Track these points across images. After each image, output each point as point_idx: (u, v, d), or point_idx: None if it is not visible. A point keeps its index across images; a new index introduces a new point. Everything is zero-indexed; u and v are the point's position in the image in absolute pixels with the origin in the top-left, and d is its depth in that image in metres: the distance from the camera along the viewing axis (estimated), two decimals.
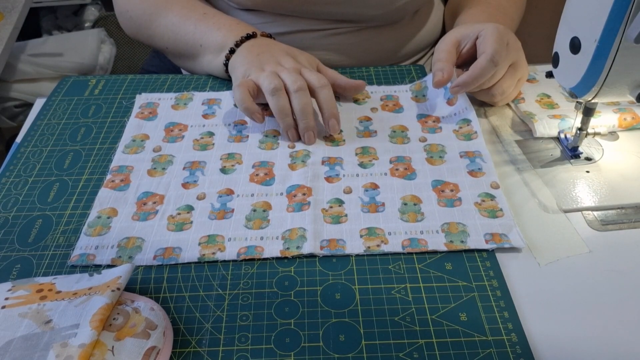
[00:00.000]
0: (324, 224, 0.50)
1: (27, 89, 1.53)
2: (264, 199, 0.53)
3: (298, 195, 0.53)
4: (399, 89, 0.68)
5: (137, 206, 0.52)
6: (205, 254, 0.48)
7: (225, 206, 0.52)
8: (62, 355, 0.36)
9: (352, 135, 0.61)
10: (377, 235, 0.49)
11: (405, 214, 0.51)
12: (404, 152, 0.58)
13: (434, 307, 0.44)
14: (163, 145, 0.60)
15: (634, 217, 0.51)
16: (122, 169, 0.56)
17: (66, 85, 0.70)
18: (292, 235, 0.49)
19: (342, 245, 0.48)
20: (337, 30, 0.74)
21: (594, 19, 0.45)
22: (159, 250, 0.48)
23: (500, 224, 0.50)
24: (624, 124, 0.59)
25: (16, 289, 0.42)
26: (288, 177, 0.55)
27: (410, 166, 0.56)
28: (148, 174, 0.56)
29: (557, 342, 0.41)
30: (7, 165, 0.58)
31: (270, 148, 0.59)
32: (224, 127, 0.62)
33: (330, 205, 0.52)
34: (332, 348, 0.41)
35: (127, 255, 0.48)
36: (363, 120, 0.63)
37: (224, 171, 0.56)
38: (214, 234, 0.50)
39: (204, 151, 0.59)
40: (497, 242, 0.48)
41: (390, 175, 0.55)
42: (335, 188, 0.54)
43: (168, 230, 0.50)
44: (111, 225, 0.50)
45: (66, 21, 1.83)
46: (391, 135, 0.61)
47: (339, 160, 0.57)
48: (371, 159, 0.57)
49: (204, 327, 0.43)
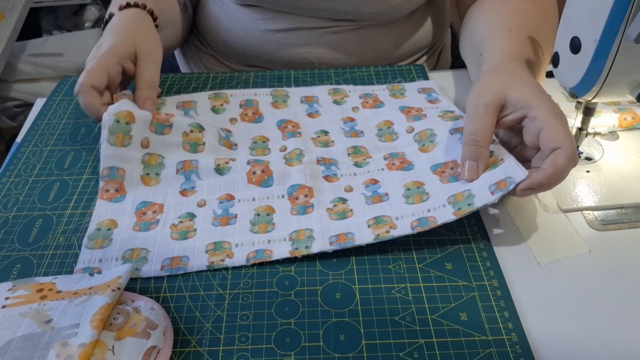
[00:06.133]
0: (330, 222, 0.50)
1: (27, 89, 1.53)
2: (266, 203, 0.52)
3: (300, 198, 0.52)
4: (376, 88, 0.67)
5: (136, 216, 0.51)
6: (214, 261, 0.47)
7: (227, 212, 0.52)
8: (63, 355, 0.36)
9: (339, 136, 0.60)
10: (384, 222, 0.49)
11: (410, 197, 0.51)
12: (396, 149, 0.58)
13: (434, 306, 0.44)
14: (151, 137, 0.55)
15: (634, 217, 0.51)
16: (113, 174, 0.53)
17: (66, 85, 0.70)
18: (300, 236, 0.49)
19: (351, 238, 0.48)
20: (335, 28, 0.74)
21: (594, 19, 0.45)
22: (165, 260, 0.47)
23: (502, 170, 0.48)
24: (624, 123, 0.59)
25: (16, 288, 0.42)
26: (287, 175, 0.54)
27: (406, 159, 0.56)
28: (142, 181, 0.54)
29: (557, 342, 0.41)
30: (8, 165, 0.58)
31: (263, 154, 0.58)
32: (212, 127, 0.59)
33: (334, 204, 0.52)
34: (332, 348, 0.41)
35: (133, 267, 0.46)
36: (347, 120, 0.62)
37: (219, 171, 0.55)
38: (220, 240, 0.49)
39: (195, 153, 0.56)
40: (502, 188, 0.46)
41: (388, 169, 0.55)
42: (335, 187, 0.54)
43: (172, 239, 0.49)
44: (112, 237, 0.49)
45: (66, 21, 1.82)
46: (379, 135, 0.60)
47: (334, 161, 0.57)
48: (365, 157, 0.57)
49: (204, 327, 0.43)
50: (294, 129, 0.61)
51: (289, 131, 0.61)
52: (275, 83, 0.69)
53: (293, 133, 0.60)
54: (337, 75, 0.70)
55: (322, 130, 0.61)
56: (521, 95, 0.50)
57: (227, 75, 0.71)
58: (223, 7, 0.76)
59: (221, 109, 0.64)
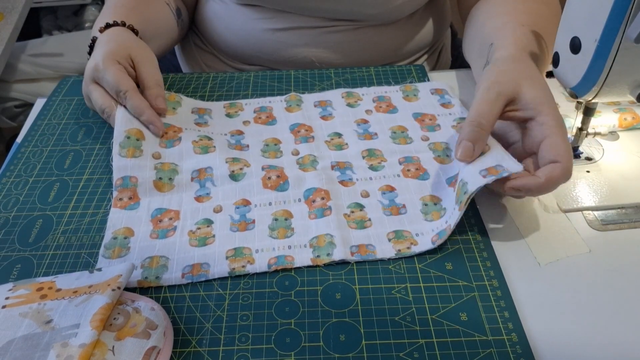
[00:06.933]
0: (349, 230, 0.49)
1: (27, 89, 1.53)
2: (283, 207, 0.52)
3: (317, 201, 0.52)
4: (390, 90, 0.67)
5: (152, 224, 0.50)
6: (235, 267, 0.46)
7: (245, 217, 0.51)
8: (63, 355, 0.36)
9: (353, 138, 0.60)
10: (405, 238, 0.49)
11: (429, 214, 0.51)
12: (410, 152, 0.58)
13: (434, 306, 0.44)
14: (161, 151, 0.56)
15: (634, 217, 0.51)
16: (126, 183, 0.53)
17: (66, 86, 0.70)
18: (320, 242, 0.48)
19: (372, 251, 0.48)
20: (334, 28, 0.74)
21: (594, 19, 0.45)
22: (186, 267, 0.47)
23: (493, 158, 0.48)
24: (624, 123, 0.59)
25: (17, 288, 0.42)
26: (302, 179, 0.54)
27: (421, 166, 0.56)
28: (155, 186, 0.53)
29: (557, 342, 0.41)
30: (8, 165, 0.58)
31: (275, 157, 0.58)
32: (221, 135, 0.60)
33: (352, 210, 0.51)
34: (332, 348, 0.41)
35: (153, 275, 0.46)
36: (360, 123, 0.62)
37: (234, 177, 0.54)
38: (239, 246, 0.48)
39: (207, 154, 0.56)
40: (494, 174, 0.46)
41: (403, 176, 0.55)
42: (352, 192, 0.53)
43: (191, 246, 0.48)
44: (130, 246, 0.48)
45: (66, 21, 1.82)
46: (393, 137, 0.60)
47: (349, 165, 0.56)
48: (380, 161, 0.57)
49: (205, 327, 0.43)
50: (307, 133, 0.61)
51: (302, 135, 0.60)
52: (275, 83, 0.69)
53: (306, 138, 0.60)
54: (337, 75, 0.70)
55: (336, 133, 0.61)
56: (534, 97, 0.50)
57: (227, 75, 0.71)
58: (223, 6, 0.76)
59: (235, 114, 0.64)
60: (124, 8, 0.67)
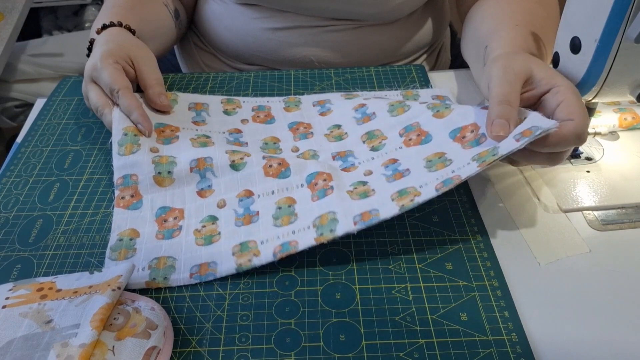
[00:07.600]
0: (352, 201, 0.48)
1: (27, 89, 1.53)
2: (286, 194, 0.51)
3: (319, 183, 0.51)
4: (389, 94, 0.66)
5: (157, 224, 0.50)
6: (242, 263, 0.46)
7: (249, 210, 0.50)
8: (63, 355, 0.36)
9: (352, 126, 0.59)
10: (408, 193, 0.47)
11: (433, 167, 0.49)
12: (409, 120, 0.56)
13: (435, 307, 0.44)
14: (159, 147, 0.55)
15: (634, 217, 0.51)
16: (126, 181, 0.52)
17: (66, 86, 0.70)
18: (323, 221, 0.47)
19: (375, 214, 0.46)
20: (335, 27, 0.74)
21: (594, 19, 0.45)
22: (194, 267, 0.46)
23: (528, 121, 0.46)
24: (625, 123, 0.59)
25: (17, 288, 0.42)
26: (304, 166, 0.53)
27: (422, 130, 0.54)
28: (155, 181, 0.52)
29: (557, 342, 0.41)
30: (8, 166, 0.58)
31: (274, 154, 0.57)
32: (219, 134, 0.59)
33: (355, 187, 0.50)
34: (332, 348, 0.41)
35: (161, 276, 0.45)
36: (358, 108, 0.61)
37: (235, 167, 0.53)
38: (245, 240, 0.48)
39: (205, 147, 0.55)
40: (528, 135, 0.44)
41: (405, 146, 0.54)
42: (355, 175, 0.52)
43: (197, 246, 0.48)
44: (136, 247, 0.48)
45: (66, 21, 1.82)
46: (390, 110, 0.58)
47: (350, 152, 0.56)
48: (380, 140, 0.56)
49: (205, 327, 0.43)
50: (306, 130, 0.61)
51: (300, 133, 0.60)
52: (275, 83, 0.69)
53: (305, 134, 0.60)
54: (337, 75, 0.70)
55: (335, 125, 0.61)
56: (546, 73, 0.49)
57: (227, 75, 0.71)
58: (223, 5, 0.76)
59: (233, 112, 0.64)
60: (121, 9, 0.68)
